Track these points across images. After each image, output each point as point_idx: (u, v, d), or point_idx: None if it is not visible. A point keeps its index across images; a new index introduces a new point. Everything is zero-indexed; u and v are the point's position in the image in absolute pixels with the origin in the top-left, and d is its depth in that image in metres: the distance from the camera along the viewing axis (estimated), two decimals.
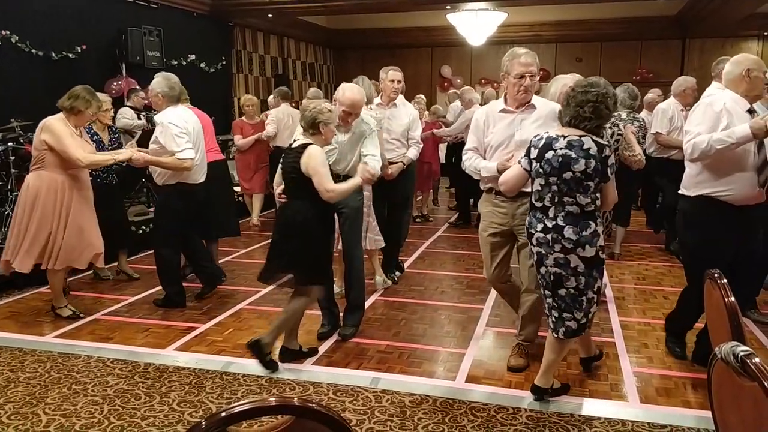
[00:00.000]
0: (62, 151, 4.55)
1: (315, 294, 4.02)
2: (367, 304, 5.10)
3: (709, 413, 1.88)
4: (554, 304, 3.30)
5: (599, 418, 3.29)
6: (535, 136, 3.32)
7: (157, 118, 4.85)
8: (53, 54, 7.87)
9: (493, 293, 5.45)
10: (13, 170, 6.35)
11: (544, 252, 3.23)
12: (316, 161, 3.68)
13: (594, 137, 3.15)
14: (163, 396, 3.56)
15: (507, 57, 3.78)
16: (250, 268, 6.27)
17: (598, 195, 3.19)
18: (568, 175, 3.12)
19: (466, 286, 5.69)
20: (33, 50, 7.59)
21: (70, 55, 8.10)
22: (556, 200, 3.18)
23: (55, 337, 4.47)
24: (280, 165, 3.98)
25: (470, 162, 3.92)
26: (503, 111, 3.83)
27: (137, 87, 8.42)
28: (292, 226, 3.78)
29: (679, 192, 3.80)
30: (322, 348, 4.23)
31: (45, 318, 4.88)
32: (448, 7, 10.98)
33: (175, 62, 9.84)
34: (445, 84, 14.70)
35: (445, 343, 4.37)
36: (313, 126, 3.75)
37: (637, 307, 5.05)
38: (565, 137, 3.17)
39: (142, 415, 3.34)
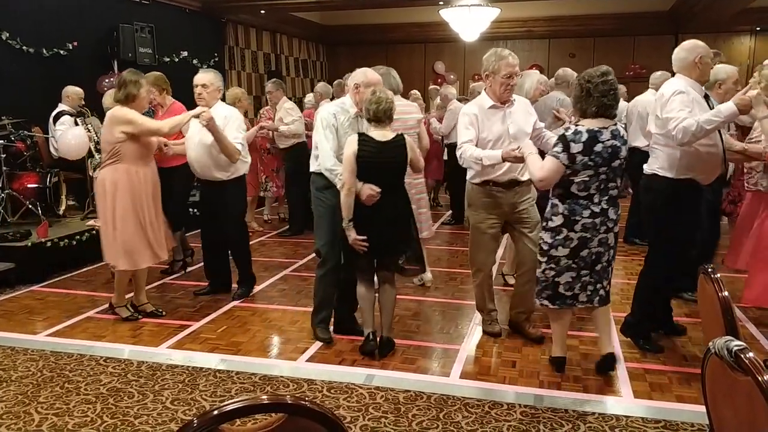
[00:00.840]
0: (143, 131, 4.48)
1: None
2: None
3: (702, 408, 1.88)
4: (590, 279, 3.58)
5: (593, 414, 3.29)
6: (568, 130, 3.40)
7: (216, 111, 4.79)
8: (44, 51, 7.81)
9: None
10: (4, 168, 6.31)
11: (589, 236, 3.46)
12: (413, 147, 3.96)
13: (616, 123, 3.42)
14: (156, 394, 3.54)
15: (493, 57, 3.91)
16: None
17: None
18: (616, 163, 3.40)
19: (460, 282, 5.69)
20: (24, 47, 7.53)
21: (62, 52, 8.04)
22: (601, 187, 3.42)
23: (48, 336, 4.45)
24: (356, 159, 3.72)
25: (470, 152, 3.94)
26: (493, 108, 3.98)
27: None
28: (407, 215, 3.97)
29: (655, 173, 3.87)
30: (316, 345, 4.22)
31: (37, 316, 4.85)
32: (441, 2, 10.96)
33: (168, 59, 9.80)
34: (439, 80, 14.69)
35: (439, 339, 4.36)
36: (390, 117, 3.80)
37: (628, 303, 5.04)
38: (606, 128, 3.37)
39: (135, 413, 3.32)
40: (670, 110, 3.65)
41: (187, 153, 4.98)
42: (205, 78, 4.82)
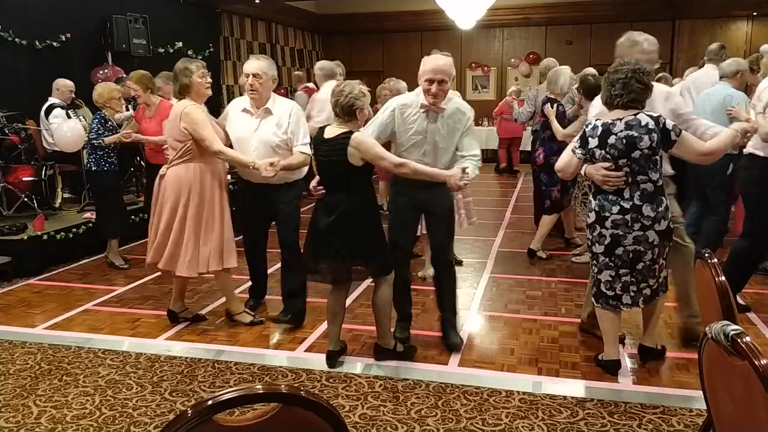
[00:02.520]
0: (200, 140, 4.01)
1: (391, 280, 3.74)
2: (359, 290, 5.10)
3: (700, 393, 1.87)
4: (632, 279, 3.42)
5: (592, 400, 3.29)
6: (587, 126, 3.39)
7: (278, 107, 4.21)
8: (37, 43, 7.76)
9: (486, 277, 5.46)
10: None
11: (621, 233, 3.33)
12: (366, 146, 3.46)
13: (647, 112, 3.26)
14: (154, 386, 3.54)
15: (626, 43, 3.68)
16: (241, 256, 6.23)
17: (662, 171, 3.35)
18: (636, 154, 3.22)
19: (458, 271, 5.67)
20: (17, 39, 7.48)
21: (55, 44, 7.99)
22: (630, 181, 3.28)
23: (45, 329, 4.44)
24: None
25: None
26: None
27: (124, 75, 8.32)
28: (347, 219, 3.52)
29: (763, 155, 4.27)
30: (314, 335, 4.22)
31: (34, 309, 4.84)
32: None
33: (162, 50, 9.74)
34: None
35: (437, 327, 4.35)
36: (350, 113, 3.49)
37: None
38: (620, 120, 3.25)
39: (134, 405, 3.32)
40: None
41: (239, 155, 4.16)
42: (257, 66, 4.10)
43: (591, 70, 6.72)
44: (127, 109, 7.76)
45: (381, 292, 3.72)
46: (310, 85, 9.41)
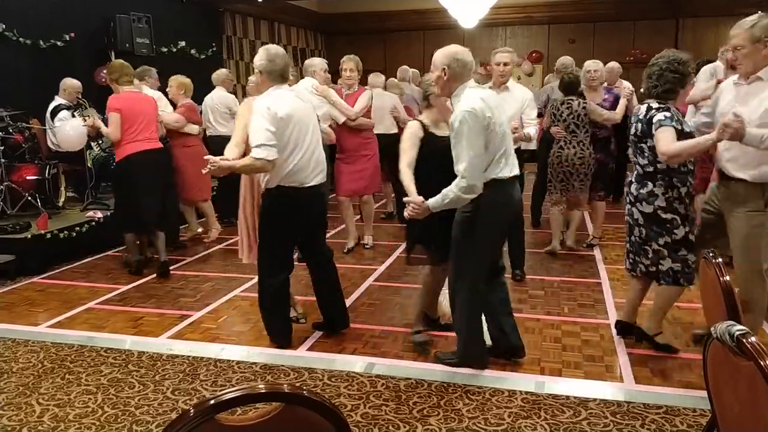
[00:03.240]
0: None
1: (435, 271, 3.95)
2: (361, 288, 5.10)
3: (704, 393, 1.87)
4: (631, 248, 3.80)
5: (594, 400, 3.29)
6: None
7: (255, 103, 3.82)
8: (41, 43, 7.76)
9: None
10: (3, 160, 6.27)
11: (627, 200, 3.76)
12: (404, 135, 3.74)
13: (651, 102, 3.50)
14: (157, 384, 3.54)
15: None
16: None
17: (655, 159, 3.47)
18: (631, 138, 3.62)
19: None
20: (21, 39, 7.48)
21: (59, 44, 7.98)
22: (634, 160, 3.68)
23: (48, 327, 4.45)
24: None
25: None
26: (737, 83, 3.43)
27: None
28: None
29: None
30: (316, 334, 4.21)
31: (38, 308, 4.85)
32: None
33: (165, 49, 9.74)
34: None
35: (438, 326, 4.35)
36: (426, 98, 3.79)
37: None
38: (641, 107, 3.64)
39: (136, 403, 3.32)
40: None
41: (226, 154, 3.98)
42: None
43: (615, 65, 6.93)
44: None
45: (425, 278, 4.03)
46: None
